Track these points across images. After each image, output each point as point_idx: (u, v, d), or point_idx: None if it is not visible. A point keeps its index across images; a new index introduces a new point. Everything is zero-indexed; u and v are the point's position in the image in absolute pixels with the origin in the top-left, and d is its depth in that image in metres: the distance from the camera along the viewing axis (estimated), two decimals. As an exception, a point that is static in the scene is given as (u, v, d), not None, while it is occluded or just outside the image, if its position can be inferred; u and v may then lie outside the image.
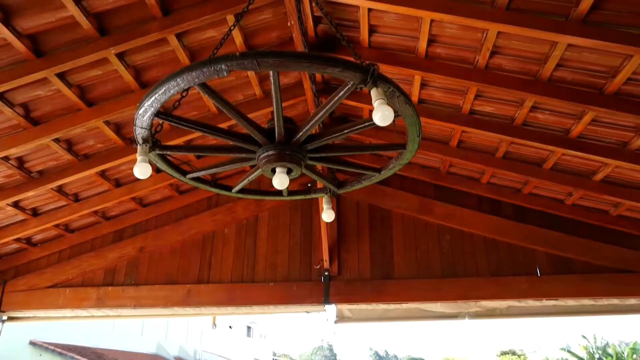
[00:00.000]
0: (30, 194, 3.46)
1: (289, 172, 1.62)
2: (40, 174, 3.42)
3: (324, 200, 2.16)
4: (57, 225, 4.10)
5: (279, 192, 2.03)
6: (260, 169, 1.70)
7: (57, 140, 3.12)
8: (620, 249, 3.61)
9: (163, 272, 4.07)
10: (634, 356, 24.84)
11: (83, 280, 4.19)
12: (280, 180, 1.59)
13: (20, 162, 3.26)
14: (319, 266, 3.79)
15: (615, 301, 3.63)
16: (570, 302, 3.68)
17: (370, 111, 1.48)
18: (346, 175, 3.76)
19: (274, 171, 1.63)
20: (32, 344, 21.23)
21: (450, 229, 3.89)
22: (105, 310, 4.09)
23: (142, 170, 1.54)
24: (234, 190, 1.94)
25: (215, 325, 36.00)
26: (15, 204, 3.67)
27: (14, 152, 3.04)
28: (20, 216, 3.83)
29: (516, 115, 2.97)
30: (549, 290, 3.62)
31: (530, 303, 3.71)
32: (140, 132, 1.59)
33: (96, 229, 4.30)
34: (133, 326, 26.71)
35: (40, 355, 21.03)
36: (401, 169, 3.98)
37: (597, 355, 25.98)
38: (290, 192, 2.05)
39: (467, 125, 3.12)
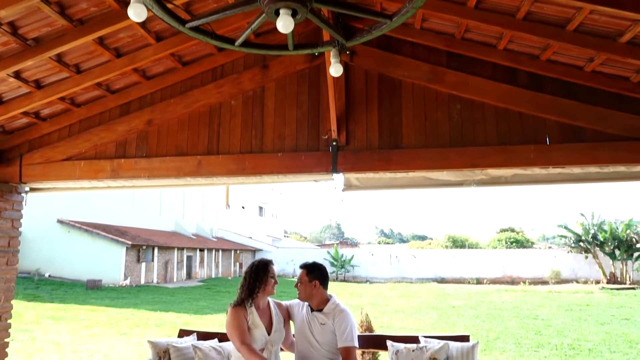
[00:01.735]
0: (29, 63, 3.36)
1: (294, 14, 1.51)
2: (36, 41, 3.28)
3: (331, 54, 2.06)
4: (62, 99, 4.07)
5: (284, 47, 1.93)
6: (263, 14, 1.58)
7: (47, 2, 2.93)
8: (634, 116, 3.53)
9: (173, 144, 4.12)
10: (627, 231, 26.10)
11: (96, 153, 4.27)
12: (284, 23, 1.49)
13: (14, 27, 3.11)
14: (327, 136, 3.79)
15: (621, 168, 3.66)
16: (576, 170, 3.72)
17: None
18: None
19: (278, 14, 1.52)
20: (60, 222, 22.74)
21: (461, 98, 3.79)
22: (121, 181, 4.23)
23: (136, 11, 1.44)
24: (237, 43, 1.84)
25: (229, 206, 38.00)
26: (17, 75, 3.60)
27: (4, 14, 2.88)
28: (24, 88, 3.78)
29: (544, -35, 2.69)
30: (557, 158, 3.62)
31: (537, 171, 3.75)
32: (131, -27, 1.46)
33: (102, 102, 4.27)
34: (151, 206, 28.29)
35: (69, 232, 22.64)
36: (413, 35, 3.78)
37: (592, 231, 27.40)
38: (296, 46, 1.94)
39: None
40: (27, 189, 4.56)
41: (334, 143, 3.77)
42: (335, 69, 2.11)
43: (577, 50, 3.35)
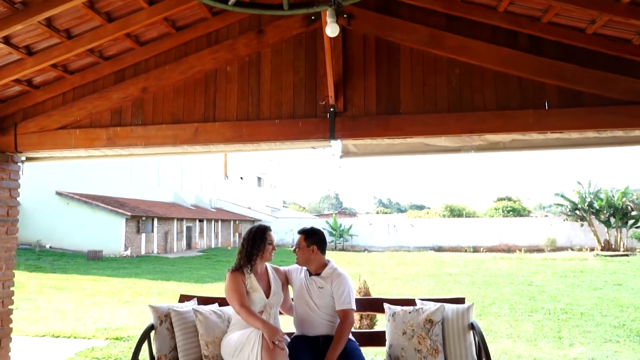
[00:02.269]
0: (18, 27, 3.28)
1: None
2: (24, 5, 3.20)
3: (327, 13, 2.01)
4: (55, 66, 3.99)
5: (279, 7, 1.87)
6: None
7: (34, -37, 2.84)
8: (634, 80, 3.49)
9: (168, 112, 4.07)
10: (623, 199, 26.31)
11: (91, 121, 4.23)
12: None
13: (0, -10, 3.03)
14: (324, 102, 3.75)
15: (619, 133, 3.65)
16: (574, 135, 3.70)
17: None
18: None
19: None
20: (59, 194, 22.78)
21: (460, 62, 3.73)
22: (117, 149, 4.21)
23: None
24: (230, 2, 1.79)
25: (227, 177, 38.03)
26: (7, 41, 3.53)
27: (-10, -25, 2.80)
28: (15, 55, 3.71)
29: None
30: (555, 123, 3.60)
31: (535, 136, 3.74)
32: None
33: (96, 70, 4.19)
34: (150, 178, 28.31)
35: (68, 203, 22.71)
36: (412, -3, 3.68)
37: (588, 200, 27.62)
38: (291, 5, 1.88)
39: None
40: (23, 158, 4.54)
41: (331, 109, 3.73)
42: (331, 29, 2.06)
43: (579, 11, 3.28)
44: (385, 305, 3.24)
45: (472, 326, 2.92)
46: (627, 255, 23.18)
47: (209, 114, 4.00)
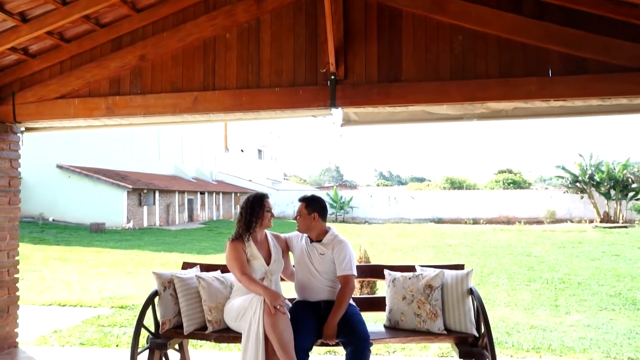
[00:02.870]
0: (12, -8, 3.21)
1: None
2: (17, -31, 3.13)
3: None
4: (50, 34, 3.93)
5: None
6: None
7: None
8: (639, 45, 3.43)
9: (167, 81, 4.03)
10: (624, 171, 26.31)
11: (89, 90, 4.19)
12: None
13: (-8, -47, 2.95)
14: (325, 70, 3.70)
15: (623, 101, 3.61)
16: (578, 103, 3.67)
17: None
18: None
19: None
20: (59, 167, 22.79)
21: (463, 28, 3.66)
22: (116, 119, 4.19)
23: None
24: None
25: (227, 149, 37.95)
26: (1, 7, 3.46)
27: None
28: (10, 22, 3.64)
29: None
30: (559, 90, 3.56)
31: (537, 104, 3.70)
32: None
33: (92, 37, 4.13)
34: (150, 151, 28.27)
35: (69, 177, 22.76)
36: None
37: (589, 172, 27.62)
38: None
39: None
40: (22, 128, 4.52)
41: (332, 77, 3.68)
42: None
43: (586, -26, 3.19)
44: (386, 272, 3.28)
45: (470, 291, 2.96)
46: (625, 227, 23.34)
47: (209, 82, 3.96)
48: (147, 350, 3.06)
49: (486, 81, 3.62)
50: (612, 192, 26.61)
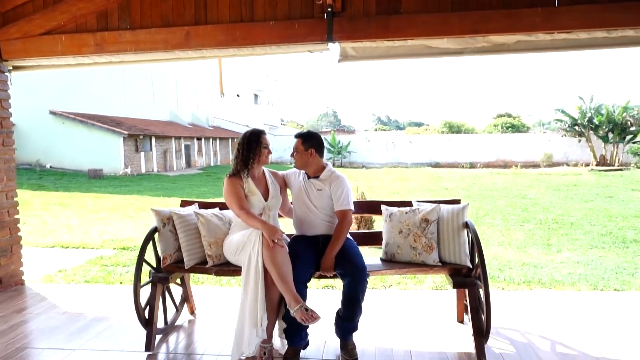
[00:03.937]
0: None
1: None
2: None
3: None
4: (31, -37, 3.72)
5: None
6: None
7: None
8: (652, -28, 3.28)
9: (157, 14, 3.87)
10: (624, 114, 26.13)
11: (76, 26, 4.03)
12: None
13: None
14: (321, 1, 3.54)
15: (630, 32, 3.50)
16: (583, 35, 3.55)
17: None
18: None
19: None
20: (53, 113, 22.45)
21: (468, -45, 3.48)
22: (106, 56, 4.05)
23: None
24: None
25: (223, 94, 37.19)
26: None
27: None
28: (-14, -51, 3.43)
29: None
30: (564, 22, 3.44)
31: (541, 37, 3.58)
32: None
33: (75, -32, 3.91)
34: (144, 96, 27.78)
35: (63, 123, 22.47)
36: None
37: (589, 115, 27.42)
38: None
39: None
40: (10, 67, 4.39)
41: (329, 9, 3.53)
42: None
43: None
44: (383, 207, 3.31)
45: (466, 225, 3.00)
46: (621, 169, 23.52)
47: (200, 16, 3.80)
48: (150, 284, 3.14)
49: (488, 12, 3.49)
50: (610, 135, 26.55)
